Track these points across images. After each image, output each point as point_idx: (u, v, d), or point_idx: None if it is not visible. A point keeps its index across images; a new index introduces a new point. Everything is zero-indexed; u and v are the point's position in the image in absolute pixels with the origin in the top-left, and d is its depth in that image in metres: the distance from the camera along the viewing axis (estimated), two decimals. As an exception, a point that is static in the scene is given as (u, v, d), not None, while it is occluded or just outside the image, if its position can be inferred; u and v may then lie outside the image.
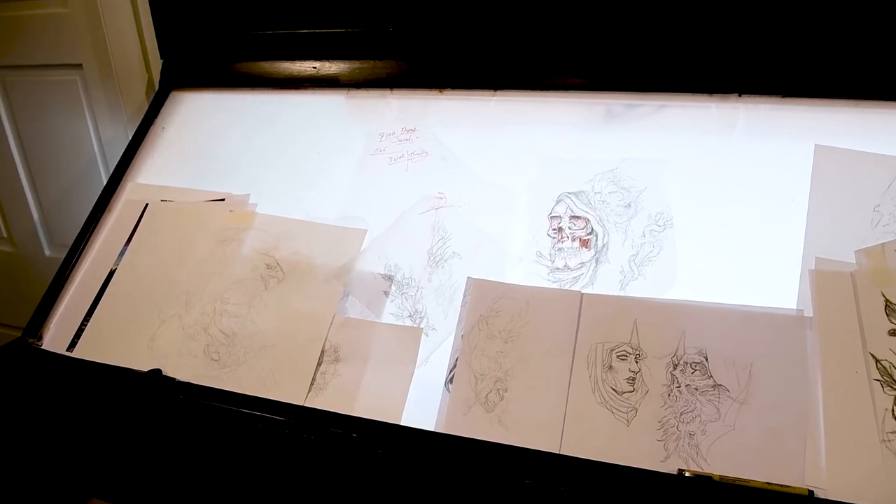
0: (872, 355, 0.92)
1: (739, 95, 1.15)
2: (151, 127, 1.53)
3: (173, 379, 1.15)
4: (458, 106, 1.30)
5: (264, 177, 1.36)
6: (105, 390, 1.17)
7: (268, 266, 1.23)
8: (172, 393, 1.13)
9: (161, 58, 1.59)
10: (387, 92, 1.36)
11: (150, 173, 1.47)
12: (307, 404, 1.08)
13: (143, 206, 1.39)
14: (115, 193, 1.45)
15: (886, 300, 0.95)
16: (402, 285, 1.15)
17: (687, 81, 1.18)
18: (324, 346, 1.12)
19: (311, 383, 1.10)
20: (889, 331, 0.93)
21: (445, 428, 1.01)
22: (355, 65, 1.39)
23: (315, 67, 1.43)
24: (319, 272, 1.19)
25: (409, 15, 1.35)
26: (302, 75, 1.44)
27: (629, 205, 1.11)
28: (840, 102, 1.11)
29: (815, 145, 1.07)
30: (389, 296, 1.15)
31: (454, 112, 1.29)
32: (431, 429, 1.01)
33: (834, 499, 0.85)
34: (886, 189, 1.03)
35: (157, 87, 1.59)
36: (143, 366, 1.17)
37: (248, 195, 1.34)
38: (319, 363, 1.11)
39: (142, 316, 1.25)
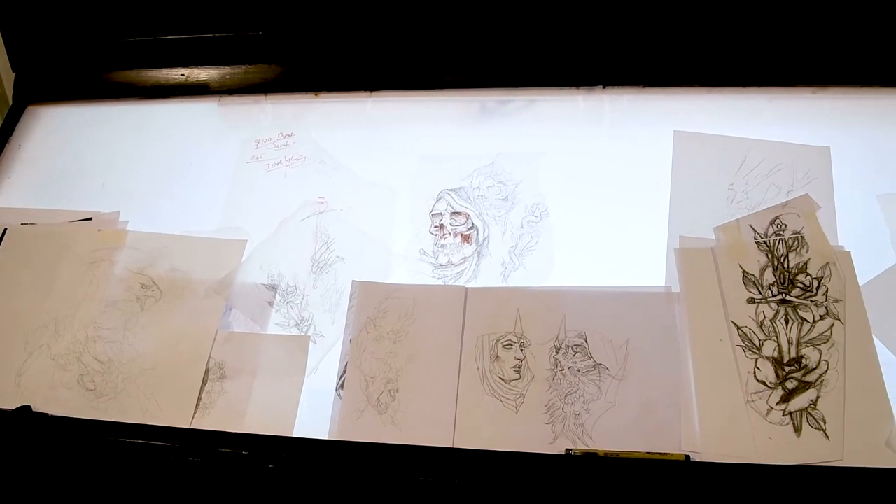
0: (734, 323, 0.99)
1: (604, 87, 1.21)
2: (6, 145, 1.41)
3: (45, 415, 1.07)
4: (334, 108, 1.29)
5: (135, 192, 1.29)
6: (-32, 435, 1.07)
7: (143, 285, 1.17)
8: (45, 430, 1.05)
9: (12, 70, 1.47)
10: (261, 97, 1.32)
11: (7, 195, 1.36)
12: (194, 426, 1.04)
13: (2, 230, 1.29)
14: (-31, 219, 1.33)
15: (744, 271, 1.03)
16: (287, 294, 1.13)
17: (555, 76, 1.23)
18: (207, 364, 1.08)
19: (197, 404, 1.06)
20: (747, 299, 1.01)
21: (339, 435, 0.99)
22: (226, 70, 1.35)
23: (183, 75, 1.37)
24: (199, 287, 1.15)
25: (279, 18, 1.32)
26: (170, 83, 1.38)
27: (506, 198, 1.14)
28: (694, 90, 1.19)
29: (674, 131, 1.14)
30: (274, 306, 1.12)
31: (331, 115, 1.28)
32: (325, 437, 1.00)
33: (708, 460, 0.91)
34: (739, 168, 1.11)
35: (10, 103, 1.48)
36: (11, 404, 1.09)
37: (118, 212, 1.27)
38: (204, 382, 1.07)
39: (6, 350, 1.15)
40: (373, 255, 1.14)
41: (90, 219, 1.27)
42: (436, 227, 1.14)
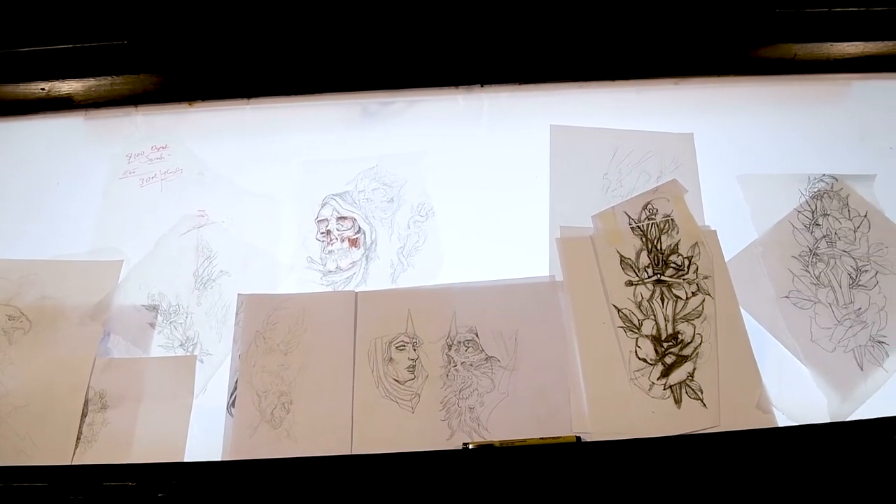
0: (615, 306, 1.04)
1: (482, 86, 1.23)
2: None
3: None
4: (210, 117, 1.24)
5: (-6, 217, 1.20)
6: None
7: (9, 317, 1.09)
8: None
9: None
10: (131, 109, 1.26)
11: None
12: (75, 462, 0.98)
13: None
14: None
15: (621, 256, 1.08)
16: (169, 314, 1.08)
17: (434, 76, 1.24)
18: (87, 394, 1.02)
19: (78, 438, 1.00)
20: (625, 282, 1.06)
21: (232, 454, 0.96)
22: (91, 82, 1.27)
23: (44, 89, 1.28)
24: (72, 314, 1.08)
25: (146, 25, 1.26)
26: (30, 98, 1.29)
27: (392, 199, 1.14)
28: (568, 85, 1.24)
29: (550, 125, 1.18)
30: (156, 327, 1.07)
31: (207, 124, 1.24)
32: (219, 458, 0.96)
33: (598, 439, 0.95)
34: (612, 158, 1.16)
35: None
36: None
37: (-23, 240, 1.18)
38: (84, 414, 1.01)
39: None
40: (258, 266, 1.11)
41: (-55, 249, 1.17)
42: (322, 233, 1.13)
